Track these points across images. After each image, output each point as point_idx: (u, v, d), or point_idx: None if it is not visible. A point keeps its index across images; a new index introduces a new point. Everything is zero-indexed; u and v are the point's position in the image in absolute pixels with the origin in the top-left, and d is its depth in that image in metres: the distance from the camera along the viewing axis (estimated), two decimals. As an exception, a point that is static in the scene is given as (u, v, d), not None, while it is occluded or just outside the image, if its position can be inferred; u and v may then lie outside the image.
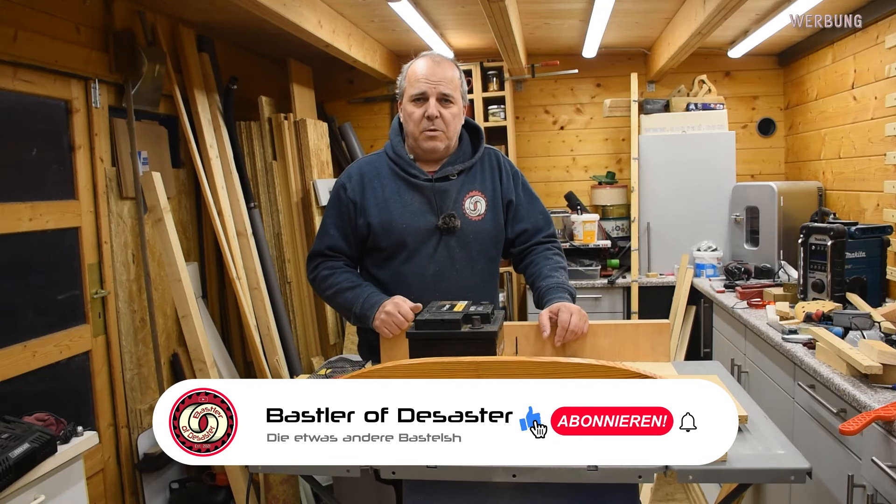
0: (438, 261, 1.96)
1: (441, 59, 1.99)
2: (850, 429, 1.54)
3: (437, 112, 1.92)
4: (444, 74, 1.94)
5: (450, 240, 1.97)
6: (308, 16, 2.89)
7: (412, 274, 1.95)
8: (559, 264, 2.05)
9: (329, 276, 2.00)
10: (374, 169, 2.03)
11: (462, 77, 2.02)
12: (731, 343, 3.15)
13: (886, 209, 2.98)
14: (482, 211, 2.01)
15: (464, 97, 2.02)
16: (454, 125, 1.98)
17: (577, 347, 1.85)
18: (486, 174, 2.05)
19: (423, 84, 1.93)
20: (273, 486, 3.10)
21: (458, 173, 2.00)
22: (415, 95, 1.95)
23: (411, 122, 1.96)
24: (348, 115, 4.59)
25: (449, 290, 1.95)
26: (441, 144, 1.97)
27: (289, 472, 2.62)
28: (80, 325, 2.59)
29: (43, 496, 1.78)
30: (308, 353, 3.70)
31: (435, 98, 1.93)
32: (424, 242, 1.96)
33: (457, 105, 1.97)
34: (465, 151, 2.05)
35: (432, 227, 1.96)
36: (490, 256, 2.04)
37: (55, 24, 2.44)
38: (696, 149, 3.94)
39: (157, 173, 2.85)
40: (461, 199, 2.00)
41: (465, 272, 1.98)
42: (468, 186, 2.01)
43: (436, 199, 1.97)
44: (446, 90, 1.93)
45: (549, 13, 3.44)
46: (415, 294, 1.90)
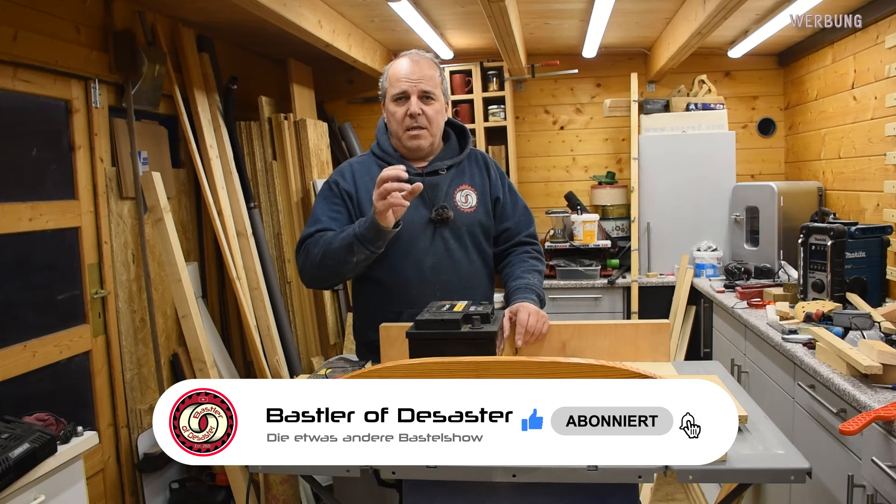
0: (436, 253, 1.97)
1: (420, 57, 2.00)
2: (850, 429, 1.54)
3: (419, 109, 1.94)
4: (423, 73, 1.96)
5: (444, 231, 1.99)
6: (308, 16, 2.89)
7: (410, 268, 1.95)
8: (534, 267, 2.07)
9: (315, 242, 1.93)
10: (364, 167, 2.05)
11: (443, 75, 2.04)
12: (731, 343, 3.15)
13: (886, 209, 2.98)
14: (473, 203, 2.04)
15: (445, 95, 2.04)
16: (437, 122, 2.00)
17: (577, 347, 1.85)
18: (474, 171, 2.09)
19: (403, 83, 1.95)
20: (273, 486, 3.10)
21: (447, 168, 2.03)
22: (396, 95, 1.96)
23: (394, 122, 1.98)
24: (348, 115, 4.59)
25: (448, 281, 1.96)
26: (425, 142, 1.99)
27: (289, 472, 2.62)
28: (80, 325, 2.59)
29: (43, 496, 1.78)
30: (308, 353, 3.70)
31: (416, 96, 1.94)
32: (419, 236, 1.97)
33: (438, 102, 1.99)
34: (453, 149, 2.08)
35: (426, 219, 1.98)
36: (483, 249, 2.06)
37: (55, 24, 2.44)
38: (696, 149, 3.94)
39: (157, 173, 2.85)
40: (452, 192, 2.02)
41: (462, 263, 1.99)
42: (458, 181, 2.04)
43: (427, 193, 1.98)
44: (427, 87, 1.95)
45: (549, 13, 3.44)
46: (415, 289, 1.92)
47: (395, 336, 1.89)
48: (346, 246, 1.83)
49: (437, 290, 1.95)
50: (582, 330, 1.87)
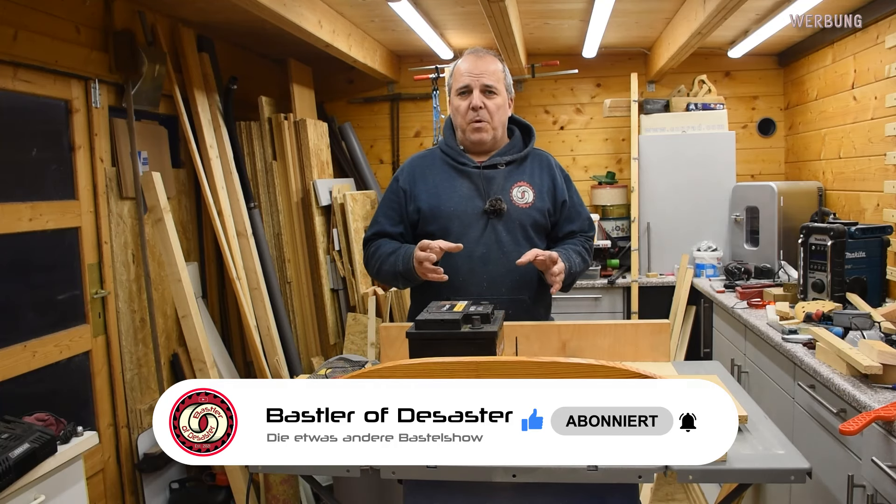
0: (486, 243, 2.01)
1: (484, 53, 2.08)
2: (850, 429, 1.54)
3: (480, 103, 2.01)
4: (486, 67, 2.03)
5: (497, 223, 2.02)
6: (308, 16, 2.89)
7: (460, 255, 1.97)
8: (578, 252, 2.10)
9: (374, 252, 2.08)
10: (426, 161, 2.14)
11: (506, 70, 2.10)
12: (731, 343, 3.15)
13: (886, 209, 2.98)
14: (530, 200, 2.06)
15: (508, 89, 2.10)
16: (498, 116, 2.06)
17: (577, 347, 1.85)
18: (535, 170, 2.11)
19: (466, 78, 2.03)
20: (273, 486, 3.10)
21: (506, 164, 2.07)
22: (460, 89, 2.04)
23: (458, 115, 2.06)
24: (348, 115, 4.59)
25: (496, 272, 2.00)
26: (487, 136, 2.05)
27: (289, 472, 2.62)
28: (80, 325, 2.59)
29: (43, 496, 1.78)
30: (308, 353, 3.70)
31: (478, 90, 2.02)
32: (472, 225, 2.01)
33: (500, 96, 2.05)
34: (516, 146, 2.13)
35: (479, 210, 2.02)
36: (535, 244, 2.05)
37: (55, 24, 2.44)
38: (696, 149, 3.94)
39: (157, 173, 2.85)
40: (508, 186, 2.06)
41: (512, 256, 1.99)
42: (516, 177, 2.08)
43: (483, 185, 2.04)
44: (489, 81, 2.02)
45: (549, 13, 3.44)
46: (462, 276, 1.97)
47: (395, 336, 1.89)
48: (391, 275, 2.03)
49: (483, 280, 1.99)
50: (582, 330, 1.87)
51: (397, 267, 1.98)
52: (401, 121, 4.57)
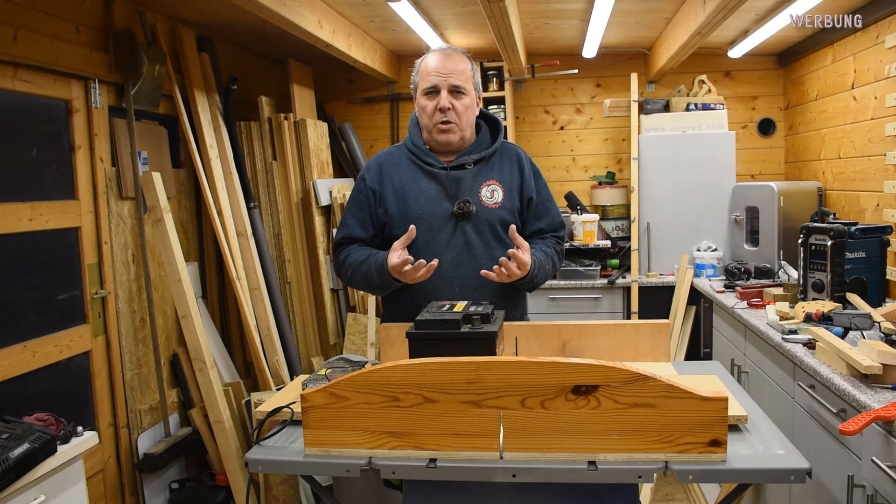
0: (456, 247, 1.96)
1: (452, 51, 2.00)
2: (850, 429, 1.54)
3: (448, 104, 1.94)
4: (454, 67, 1.96)
5: (466, 226, 1.97)
6: (308, 16, 2.89)
7: (429, 260, 1.91)
8: (548, 254, 2.05)
9: (344, 259, 2.02)
10: (393, 159, 2.07)
11: (475, 69, 2.03)
12: (730, 343, 3.15)
13: (886, 209, 2.98)
14: (499, 199, 2.01)
15: (477, 88, 2.04)
16: (467, 116, 1.99)
17: (577, 348, 1.85)
18: (504, 166, 2.06)
19: (434, 77, 1.95)
20: (273, 486, 3.10)
21: (474, 163, 2.01)
22: (427, 89, 1.97)
23: (425, 116, 1.99)
24: (348, 115, 4.59)
25: (467, 276, 1.95)
26: (454, 137, 1.99)
27: (289, 472, 2.62)
28: (80, 325, 2.59)
29: (43, 496, 1.78)
30: (308, 353, 3.70)
31: (446, 90, 1.95)
32: (441, 229, 1.97)
33: (469, 96, 1.99)
34: (484, 142, 2.07)
35: (448, 213, 1.97)
36: (506, 245, 2.01)
37: (55, 24, 2.44)
38: (695, 149, 3.94)
39: (157, 173, 2.85)
40: (477, 186, 2.01)
41: (482, 259, 1.96)
42: (485, 175, 2.02)
43: (451, 187, 1.98)
44: (457, 82, 1.95)
45: (549, 13, 3.44)
46: (433, 282, 1.90)
47: (396, 336, 1.89)
48: (366, 285, 1.99)
49: (454, 284, 1.94)
50: (582, 330, 1.87)
51: (372, 278, 1.93)
52: (401, 121, 4.57)
